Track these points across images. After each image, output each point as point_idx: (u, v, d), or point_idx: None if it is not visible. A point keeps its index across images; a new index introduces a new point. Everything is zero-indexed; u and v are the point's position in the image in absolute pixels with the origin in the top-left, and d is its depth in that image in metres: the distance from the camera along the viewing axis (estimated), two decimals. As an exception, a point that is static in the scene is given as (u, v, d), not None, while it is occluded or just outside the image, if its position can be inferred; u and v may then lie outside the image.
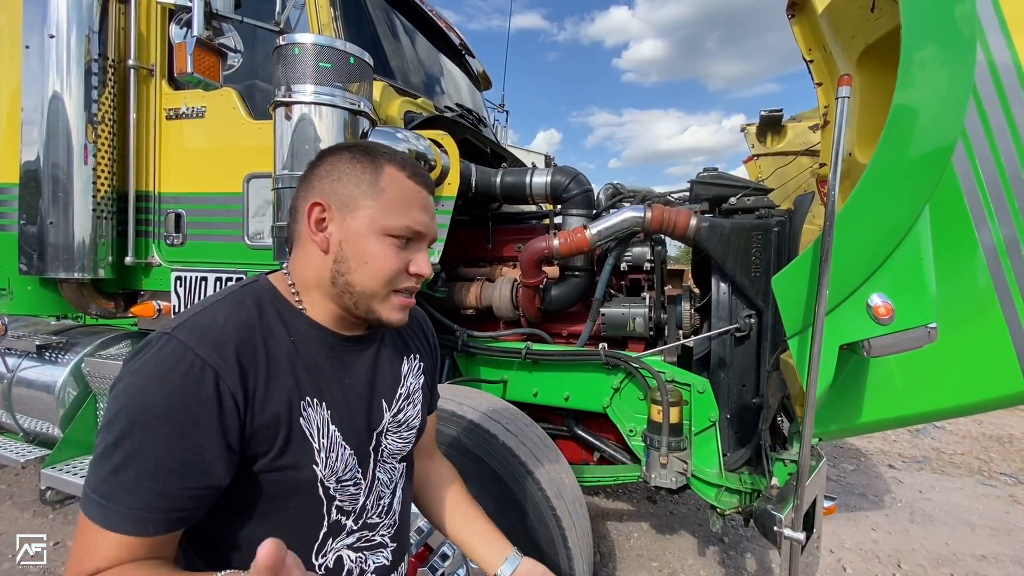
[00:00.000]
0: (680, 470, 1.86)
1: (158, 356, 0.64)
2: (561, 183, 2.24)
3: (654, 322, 2.17)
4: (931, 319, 1.25)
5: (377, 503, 0.83)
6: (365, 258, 0.74)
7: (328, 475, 0.75)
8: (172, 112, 2.40)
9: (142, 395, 0.62)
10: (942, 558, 2.81)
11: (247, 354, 0.68)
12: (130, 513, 0.61)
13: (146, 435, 0.61)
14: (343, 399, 0.78)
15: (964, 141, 1.54)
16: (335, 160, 0.77)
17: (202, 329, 0.67)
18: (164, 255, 2.43)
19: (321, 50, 1.78)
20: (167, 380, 0.63)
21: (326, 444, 0.74)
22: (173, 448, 0.62)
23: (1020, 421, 5.34)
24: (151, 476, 0.61)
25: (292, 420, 0.71)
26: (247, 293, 0.75)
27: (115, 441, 0.61)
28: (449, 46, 3.27)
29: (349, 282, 0.75)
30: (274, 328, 0.73)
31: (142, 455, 0.61)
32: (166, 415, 0.61)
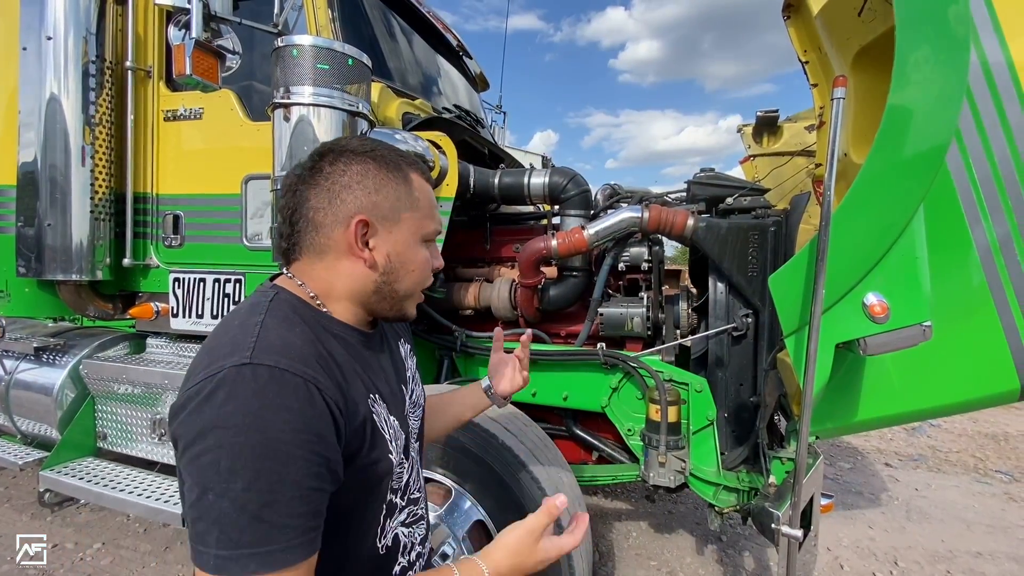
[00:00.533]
0: (678, 469, 1.87)
1: (254, 386, 0.60)
2: (559, 184, 2.25)
3: (652, 322, 2.18)
4: (926, 318, 1.27)
5: (417, 480, 0.89)
6: (412, 267, 0.79)
7: (398, 460, 0.79)
8: (170, 114, 2.40)
9: (262, 429, 0.58)
10: (938, 555, 2.83)
11: (326, 366, 0.68)
12: (291, 545, 0.59)
13: (282, 466, 0.58)
14: (388, 390, 0.82)
15: (958, 141, 1.55)
16: (363, 169, 0.76)
17: (281, 350, 0.64)
18: (162, 257, 2.43)
19: (319, 52, 1.79)
20: (283, 405, 0.60)
21: (392, 434, 0.78)
22: (310, 468, 0.60)
23: (1015, 419, 5.38)
24: (300, 501, 0.59)
25: (368, 420, 0.73)
26: (284, 308, 0.73)
27: (246, 487, 0.57)
28: (447, 47, 3.28)
29: (396, 290, 0.79)
30: (323, 338, 0.72)
31: (283, 486, 0.58)
32: (294, 439, 0.59)
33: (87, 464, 2.39)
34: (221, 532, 0.57)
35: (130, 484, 2.20)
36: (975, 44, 1.53)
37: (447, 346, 2.32)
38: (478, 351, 2.28)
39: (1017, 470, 4.08)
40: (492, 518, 1.69)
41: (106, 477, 2.26)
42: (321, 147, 0.80)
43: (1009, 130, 1.55)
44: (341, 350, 0.74)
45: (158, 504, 2.03)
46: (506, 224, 2.71)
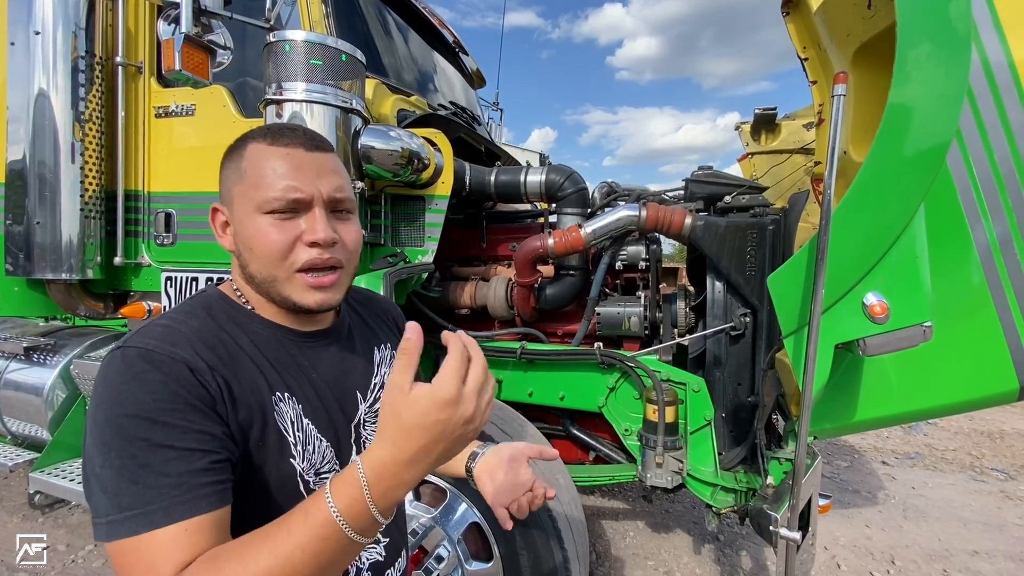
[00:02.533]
0: (676, 469, 1.85)
1: (122, 366, 0.61)
2: (556, 182, 2.23)
3: (649, 321, 2.17)
4: (926, 318, 1.25)
5: None
6: (250, 243, 0.71)
7: (307, 468, 0.73)
8: (161, 110, 2.36)
9: (123, 404, 0.59)
10: (935, 554, 2.82)
11: (209, 354, 0.66)
12: (173, 503, 0.57)
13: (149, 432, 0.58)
14: (313, 393, 0.75)
15: (958, 140, 1.54)
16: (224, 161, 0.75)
17: (159, 336, 0.64)
18: (154, 255, 2.39)
19: (312, 47, 1.76)
20: (143, 379, 0.60)
21: (302, 438, 0.73)
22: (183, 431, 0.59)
23: (1011, 417, 5.39)
24: (177, 462, 0.58)
25: (266, 416, 0.69)
26: (195, 303, 0.73)
27: (119, 457, 0.57)
28: (443, 44, 3.25)
29: (251, 273, 0.73)
30: (230, 331, 0.71)
31: (154, 450, 0.57)
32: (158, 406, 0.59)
33: (78, 465, 2.36)
34: (107, 500, 0.57)
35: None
36: (976, 42, 1.52)
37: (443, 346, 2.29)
38: None
39: (1013, 468, 4.09)
40: (487, 520, 1.67)
41: (97, 478, 2.23)
42: None
43: (1009, 129, 1.54)
44: (248, 347, 0.71)
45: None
46: (502, 222, 2.69)
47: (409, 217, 2.17)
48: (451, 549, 1.66)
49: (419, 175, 2.03)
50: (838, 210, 1.26)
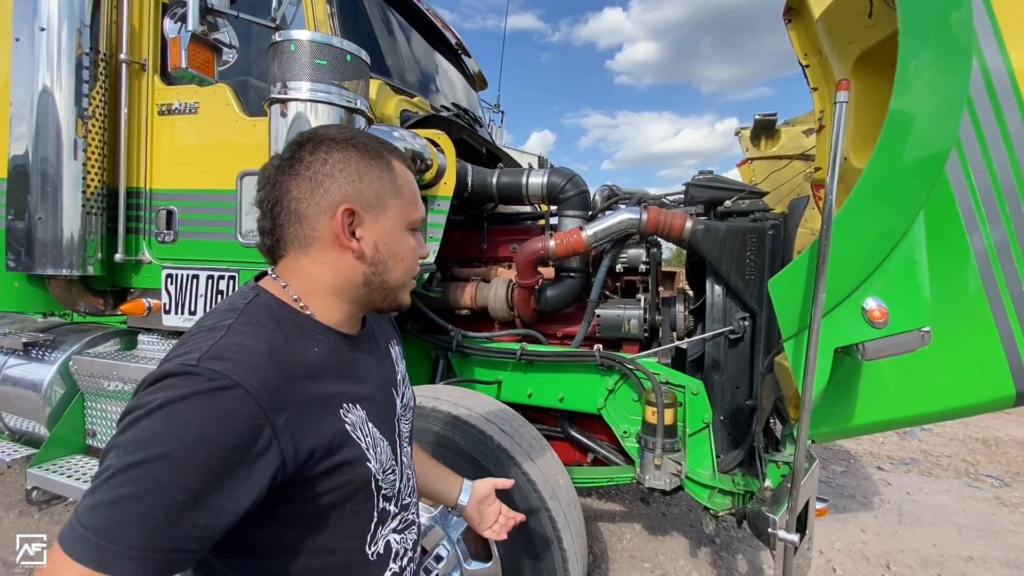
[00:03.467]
0: (674, 471, 1.86)
1: (190, 385, 0.57)
2: (557, 184, 2.24)
3: (649, 324, 2.18)
4: (925, 323, 1.26)
5: (407, 485, 0.85)
6: (401, 256, 0.76)
7: (379, 469, 0.75)
8: (164, 108, 2.37)
9: (175, 425, 0.55)
10: (930, 559, 2.84)
11: (284, 376, 0.64)
12: (127, 552, 0.52)
13: (173, 469, 0.54)
14: (369, 396, 0.77)
15: (957, 148, 1.55)
16: (345, 157, 0.72)
17: (236, 355, 0.61)
18: (155, 252, 2.40)
19: (318, 47, 1.77)
20: (203, 410, 0.56)
21: (370, 442, 0.74)
22: (197, 485, 0.55)
23: (1006, 424, 5.42)
24: (165, 512, 0.54)
25: (338, 428, 0.70)
26: (258, 311, 0.70)
27: (125, 468, 0.53)
28: (445, 45, 3.26)
29: (386, 281, 0.75)
30: (297, 342, 0.69)
31: (160, 490, 0.53)
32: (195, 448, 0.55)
33: (76, 461, 2.36)
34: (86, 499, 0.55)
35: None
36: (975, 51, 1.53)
37: (443, 346, 2.30)
38: (474, 351, 2.27)
39: (1007, 474, 4.11)
40: (487, 520, 1.67)
41: (95, 475, 2.23)
42: (299, 136, 0.75)
43: (1008, 138, 1.56)
44: (315, 359, 0.70)
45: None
46: (503, 224, 2.70)
47: (411, 217, 2.17)
48: (450, 549, 1.66)
49: (422, 176, 2.03)
50: (839, 215, 1.27)
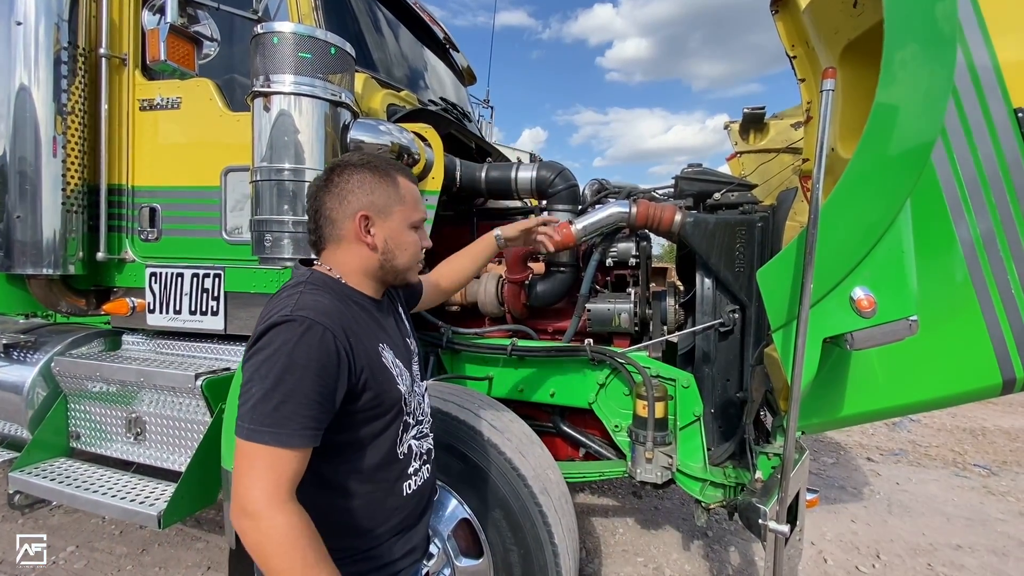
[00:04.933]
0: (665, 464, 1.86)
1: (293, 328, 0.88)
2: (547, 178, 2.22)
3: (639, 318, 2.17)
4: (912, 312, 1.27)
5: (420, 406, 1.16)
6: (405, 247, 1.07)
7: (405, 391, 1.06)
8: (146, 103, 2.32)
9: (290, 354, 0.86)
10: (919, 548, 2.87)
11: (344, 322, 0.95)
12: (294, 432, 0.85)
13: (297, 379, 0.85)
14: (391, 340, 1.08)
15: (943, 138, 1.56)
16: (362, 177, 1.03)
17: (313, 308, 0.92)
18: (138, 250, 2.35)
19: (301, 39, 1.74)
20: (306, 342, 0.87)
21: (398, 371, 1.05)
22: (316, 387, 0.87)
23: (993, 414, 5.49)
24: (306, 406, 0.86)
25: (378, 361, 1.00)
26: (316, 283, 1.00)
27: (273, 387, 0.85)
28: (433, 40, 3.23)
29: (395, 265, 1.07)
30: (345, 303, 1.00)
31: (296, 393, 0.85)
32: (308, 364, 0.87)
33: (59, 465, 2.31)
34: (253, 411, 0.85)
35: (104, 485, 2.13)
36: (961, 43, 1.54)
37: (433, 343, 2.28)
38: (464, 348, 2.25)
39: (995, 464, 4.17)
40: (478, 516, 1.66)
41: (79, 478, 2.19)
42: (332, 163, 1.08)
43: (993, 128, 1.57)
44: (359, 311, 1.02)
45: (132, 505, 1.96)
46: (493, 219, 2.68)
47: (399, 213, 2.15)
48: (441, 545, 1.65)
49: (409, 170, 2.01)
50: (826, 206, 1.27)
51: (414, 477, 1.11)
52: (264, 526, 0.81)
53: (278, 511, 0.81)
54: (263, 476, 0.83)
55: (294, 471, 0.85)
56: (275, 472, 0.83)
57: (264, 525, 0.81)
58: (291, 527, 0.82)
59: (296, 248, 1.78)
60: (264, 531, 0.81)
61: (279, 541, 0.81)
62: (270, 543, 0.81)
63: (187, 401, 2.11)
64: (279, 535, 0.81)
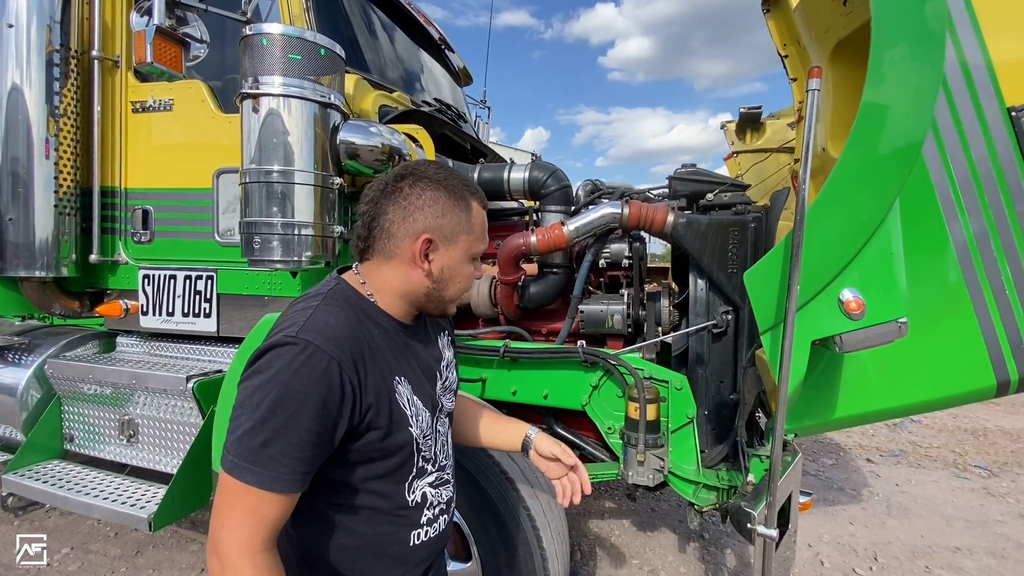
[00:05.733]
0: (657, 467, 1.85)
1: (293, 353, 0.78)
2: (539, 179, 2.21)
3: (632, 319, 2.16)
4: (901, 314, 1.25)
5: (443, 450, 1.05)
6: (459, 279, 0.96)
7: (419, 434, 0.94)
8: (139, 105, 2.32)
9: (286, 383, 0.77)
10: (918, 550, 2.84)
11: (355, 347, 0.84)
12: (279, 476, 0.76)
13: (290, 415, 0.76)
14: (415, 374, 0.96)
15: (936, 138, 1.54)
16: (435, 196, 0.91)
17: (321, 330, 0.82)
18: (131, 253, 2.36)
19: (290, 41, 1.74)
20: (305, 371, 0.77)
21: (414, 411, 0.93)
22: (311, 425, 0.77)
23: (994, 415, 5.46)
24: (297, 447, 0.77)
25: (391, 396, 0.89)
26: (337, 295, 0.91)
27: (262, 420, 0.76)
28: (428, 41, 3.23)
29: (443, 296, 0.96)
30: (364, 323, 0.90)
31: (287, 431, 0.76)
32: (305, 399, 0.77)
33: (53, 467, 2.31)
34: (238, 443, 0.77)
35: (96, 487, 2.13)
36: (953, 41, 1.52)
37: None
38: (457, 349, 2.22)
39: (995, 465, 4.14)
40: (466, 520, 1.65)
41: (71, 480, 2.19)
42: (403, 168, 0.95)
43: (986, 127, 1.55)
44: (379, 335, 0.90)
45: (123, 508, 1.96)
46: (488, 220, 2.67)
47: (390, 214, 2.15)
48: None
49: (400, 171, 2.00)
50: (813, 206, 1.26)
51: (426, 528, 0.99)
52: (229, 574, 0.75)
53: (246, 563, 0.76)
54: (240, 520, 0.77)
55: (275, 517, 0.78)
56: (254, 517, 0.77)
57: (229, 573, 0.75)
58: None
59: (285, 250, 1.77)
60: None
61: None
62: None
63: (179, 403, 2.11)
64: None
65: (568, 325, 2.23)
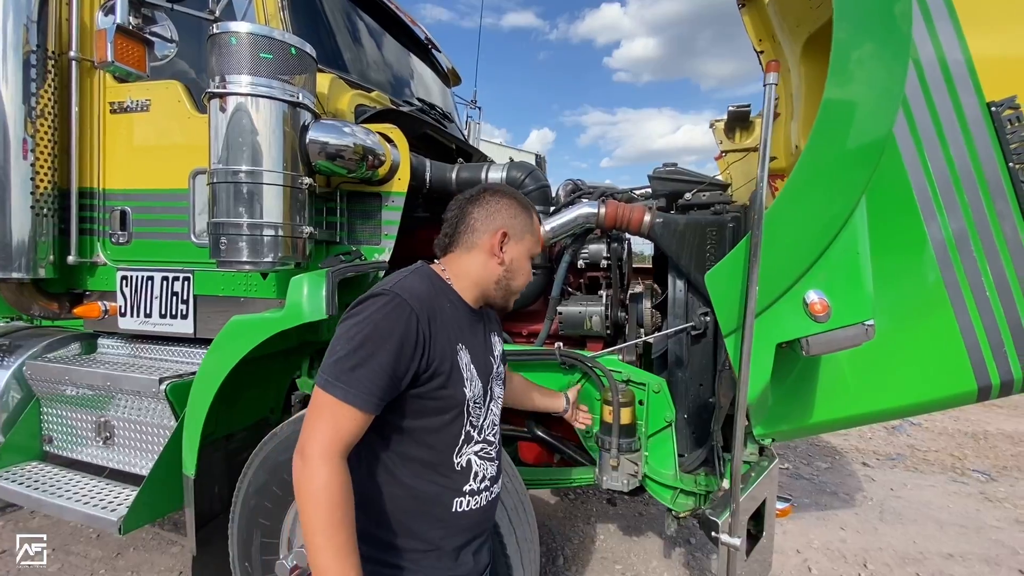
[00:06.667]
0: (631, 472, 1.81)
1: (385, 301, 0.97)
2: (516, 178, 2.18)
3: (611, 320, 2.12)
4: (868, 316, 1.21)
5: (492, 427, 1.18)
6: (523, 271, 1.17)
7: (471, 397, 1.08)
8: (116, 106, 2.31)
9: (376, 323, 0.95)
10: (908, 557, 2.79)
11: (431, 308, 1.02)
12: (359, 394, 0.92)
13: (377, 348, 0.93)
14: (474, 349, 1.11)
15: (913, 135, 1.50)
16: (510, 202, 1.16)
17: (407, 289, 1.01)
18: (109, 254, 2.34)
19: (258, 40, 1.71)
20: (391, 316, 0.96)
21: (470, 376, 1.08)
22: (390, 359, 0.94)
23: (996, 418, 5.37)
24: (377, 374, 0.93)
25: (454, 356, 1.04)
26: (421, 273, 1.10)
27: (354, 349, 0.93)
28: (414, 41, 3.21)
29: (510, 285, 1.16)
30: (440, 296, 1.07)
31: (372, 360, 0.93)
32: (389, 336, 0.94)
33: (30, 468, 2.30)
34: (333, 366, 0.94)
35: (71, 489, 2.12)
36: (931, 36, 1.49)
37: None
38: None
39: (995, 469, 4.06)
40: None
41: (47, 482, 2.18)
42: (485, 185, 1.22)
43: (965, 123, 1.51)
44: (451, 309, 1.07)
45: (95, 511, 1.95)
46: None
47: (365, 215, 2.12)
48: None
49: (375, 171, 1.98)
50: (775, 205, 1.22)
51: (468, 498, 1.09)
52: (310, 469, 0.89)
53: (325, 462, 0.89)
54: (325, 427, 0.91)
55: (352, 431, 0.93)
56: (335, 426, 0.91)
57: (310, 468, 0.89)
58: (330, 481, 0.88)
59: (253, 251, 1.75)
60: (307, 474, 0.89)
61: (315, 489, 0.88)
62: (308, 486, 0.88)
63: (153, 405, 2.09)
64: (318, 483, 0.88)
65: (547, 327, 2.20)
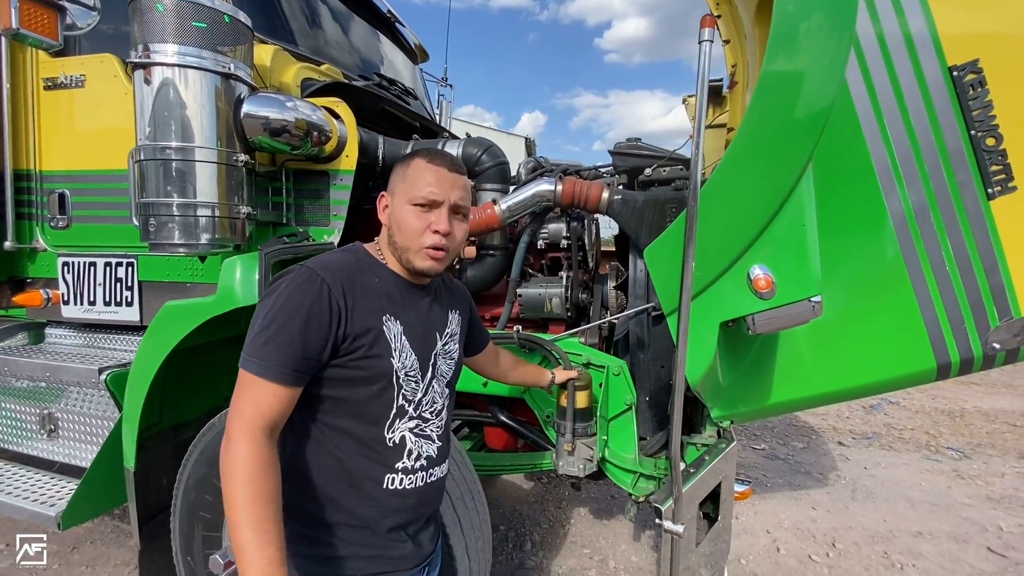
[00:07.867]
0: (587, 456, 1.76)
1: (297, 275, 0.98)
2: (473, 155, 2.09)
3: (572, 302, 2.06)
4: (814, 292, 1.15)
5: (431, 404, 1.14)
6: (401, 224, 1.06)
7: (400, 368, 1.05)
8: (50, 82, 2.18)
9: (287, 297, 0.95)
10: (878, 535, 2.79)
11: (347, 280, 1.01)
12: (271, 366, 0.91)
13: (287, 320, 0.93)
14: (409, 321, 1.09)
15: (873, 103, 1.43)
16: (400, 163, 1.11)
17: (322, 263, 1.01)
18: (49, 239, 2.23)
19: (187, 7, 1.60)
20: (302, 288, 0.96)
21: (399, 347, 1.05)
22: (302, 331, 0.93)
23: (974, 395, 5.41)
24: (289, 346, 0.92)
25: (379, 327, 1.03)
26: (348, 249, 1.12)
27: (268, 323, 0.93)
28: (376, 15, 3.08)
29: (396, 241, 1.08)
30: (365, 271, 1.07)
31: (282, 332, 0.92)
32: (298, 308, 0.94)
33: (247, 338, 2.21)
34: (249, 343, 0.94)
35: (13, 484, 2.04)
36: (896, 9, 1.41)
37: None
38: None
39: (968, 446, 4.09)
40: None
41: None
42: None
43: (926, 88, 1.44)
44: (376, 283, 1.06)
45: (34, 506, 1.87)
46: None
47: (313, 194, 2.03)
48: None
49: (320, 148, 1.88)
50: (714, 176, 1.15)
51: (403, 475, 1.08)
52: (231, 449, 0.88)
53: (244, 437, 0.88)
54: (244, 406, 0.91)
55: (272, 407, 0.91)
56: (254, 402, 0.90)
57: (231, 448, 0.88)
58: (248, 456, 0.87)
59: (185, 233, 1.66)
60: (228, 453, 0.88)
61: (235, 466, 0.87)
62: (228, 465, 0.87)
63: (94, 396, 2.01)
64: (237, 461, 0.87)
65: (508, 310, 2.13)
